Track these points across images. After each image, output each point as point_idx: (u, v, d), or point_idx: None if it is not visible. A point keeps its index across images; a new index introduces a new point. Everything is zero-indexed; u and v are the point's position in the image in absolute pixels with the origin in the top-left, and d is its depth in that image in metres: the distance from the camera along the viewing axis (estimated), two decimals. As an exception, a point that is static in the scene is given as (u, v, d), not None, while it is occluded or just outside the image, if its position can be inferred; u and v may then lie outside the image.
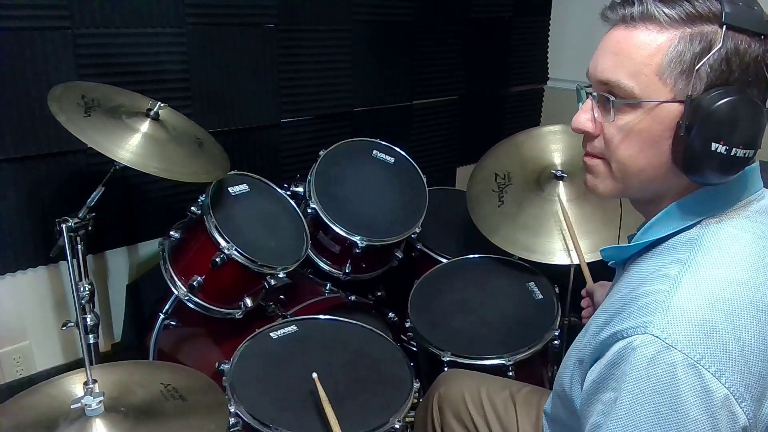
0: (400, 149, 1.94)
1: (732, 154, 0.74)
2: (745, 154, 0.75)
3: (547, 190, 1.80)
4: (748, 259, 0.76)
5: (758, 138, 0.76)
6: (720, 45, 0.73)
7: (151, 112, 1.49)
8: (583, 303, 1.33)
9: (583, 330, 0.88)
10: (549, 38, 2.89)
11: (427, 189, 1.90)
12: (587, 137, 0.86)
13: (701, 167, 0.76)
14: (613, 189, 0.85)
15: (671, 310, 0.72)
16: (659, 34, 0.76)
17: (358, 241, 1.70)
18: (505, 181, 1.87)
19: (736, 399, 0.69)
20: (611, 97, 0.80)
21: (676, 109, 0.76)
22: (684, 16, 0.74)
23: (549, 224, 1.74)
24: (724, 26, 0.73)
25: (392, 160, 1.92)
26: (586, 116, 0.84)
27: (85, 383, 1.03)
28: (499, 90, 2.81)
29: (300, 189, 1.77)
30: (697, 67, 0.74)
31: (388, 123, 2.43)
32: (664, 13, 0.75)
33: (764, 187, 0.86)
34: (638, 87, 0.77)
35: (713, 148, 0.74)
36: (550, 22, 2.86)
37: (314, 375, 1.26)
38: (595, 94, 0.83)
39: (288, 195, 1.74)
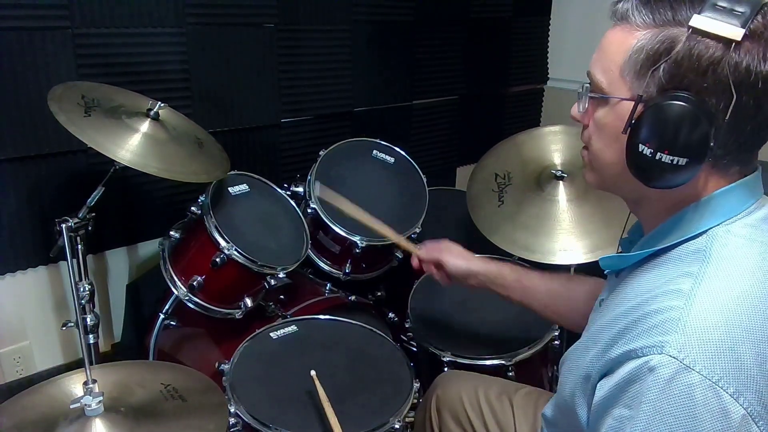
0: (400, 149, 1.93)
1: (657, 158, 0.73)
2: (672, 160, 0.72)
3: (547, 190, 1.80)
4: (760, 270, 0.75)
5: (692, 145, 0.72)
6: (679, 48, 0.72)
7: (151, 112, 1.49)
8: (431, 270, 1.42)
9: (584, 340, 0.87)
10: (549, 38, 2.89)
11: (427, 189, 1.90)
12: (583, 127, 0.89)
13: (637, 169, 0.77)
14: (593, 179, 0.89)
15: (688, 329, 0.70)
16: (631, 34, 0.76)
17: (358, 241, 1.70)
18: (505, 181, 1.87)
19: (753, 418, 0.68)
20: (586, 87, 0.84)
21: (630, 107, 0.77)
22: (656, 19, 0.74)
23: (549, 224, 1.74)
24: (690, 29, 0.71)
25: (392, 160, 1.91)
26: (576, 105, 0.87)
27: (85, 383, 1.03)
28: (499, 90, 2.81)
29: (300, 189, 1.77)
30: (653, 69, 0.74)
31: (388, 123, 2.43)
32: (639, 14, 0.76)
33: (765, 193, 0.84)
34: (606, 82, 0.80)
35: (640, 150, 0.75)
36: (550, 22, 2.86)
37: (312, 373, 1.25)
38: (587, 85, 0.85)
39: (288, 195, 1.74)
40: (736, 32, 0.69)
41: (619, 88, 0.79)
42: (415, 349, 1.76)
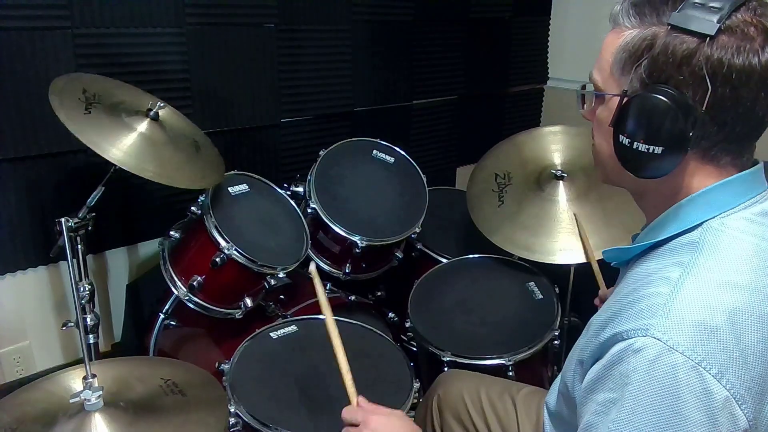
0: (400, 149, 1.94)
1: (634, 147, 0.78)
2: (648, 149, 0.77)
3: (547, 190, 1.80)
4: (750, 262, 0.76)
5: (666, 135, 0.75)
6: (657, 44, 0.76)
7: (151, 113, 1.48)
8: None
9: (585, 329, 0.88)
10: (549, 38, 2.89)
11: (427, 189, 1.90)
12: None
13: (620, 159, 0.81)
14: (600, 174, 0.93)
15: (672, 312, 0.72)
16: (620, 35, 0.81)
17: (358, 241, 1.70)
18: (505, 181, 1.87)
19: (736, 401, 0.69)
20: (588, 85, 0.88)
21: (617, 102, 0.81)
22: (643, 21, 0.78)
23: (549, 224, 1.74)
24: (668, 26, 0.75)
25: (392, 160, 1.91)
26: (580, 104, 0.92)
27: (84, 378, 1.03)
28: (499, 90, 2.81)
29: (300, 189, 1.77)
30: (636, 65, 0.78)
31: (388, 123, 2.43)
32: (627, 17, 0.80)
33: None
34: (601, 80, 0.85)
35: (621, 140, 0.80)
36: (550, 22, 2.87)
37: (312, 267, 1.18)
38: (589, 84, 0.90)
39: (288, 195, 1.74)
40: (710, 27, 0.73)
41: (611, 85, 0.83)
42: (415, 349, 1.76)
